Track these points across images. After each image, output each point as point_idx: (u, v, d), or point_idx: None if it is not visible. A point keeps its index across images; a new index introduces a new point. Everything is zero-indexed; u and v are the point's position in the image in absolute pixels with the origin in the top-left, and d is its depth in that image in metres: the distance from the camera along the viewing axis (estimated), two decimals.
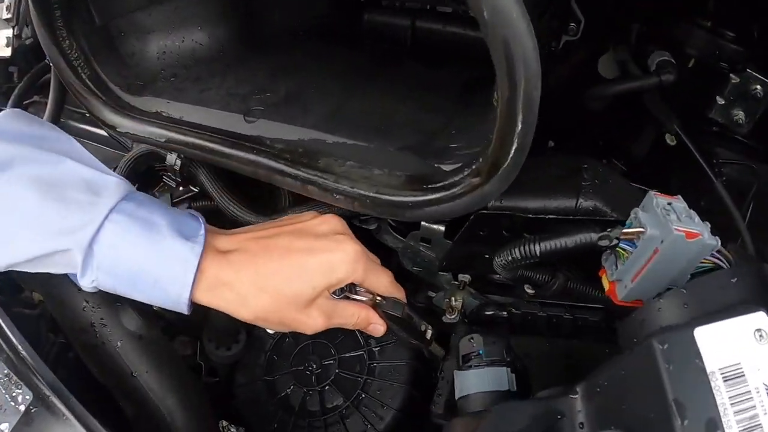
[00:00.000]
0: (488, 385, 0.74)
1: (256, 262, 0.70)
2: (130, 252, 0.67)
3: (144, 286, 0.68)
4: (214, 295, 0.69)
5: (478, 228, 0.85)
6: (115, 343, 0.90)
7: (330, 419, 0.99)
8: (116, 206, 0.67)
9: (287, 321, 0.71)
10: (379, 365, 1.02)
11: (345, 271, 0.72)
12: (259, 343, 1.08)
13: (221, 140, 0.85)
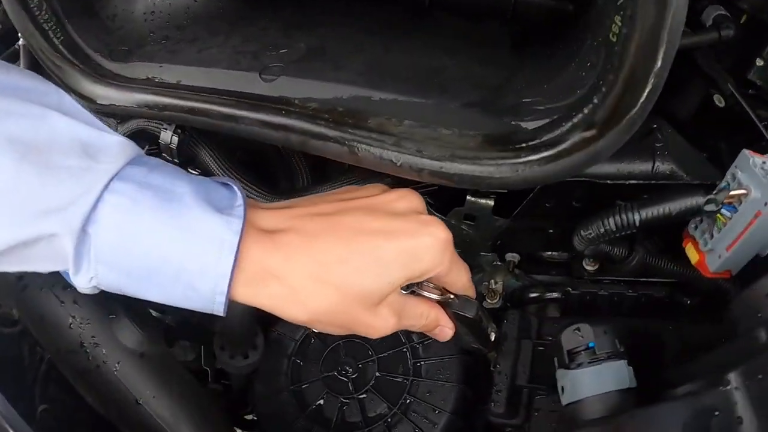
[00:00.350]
0: (607, 384, 0.62)
1: (316, 246, 0.54)
2: (141, 233, 0.50)
3: (163, 280, 0.51)
4: (257, 291, 0.53)
5: (544, 199, 0.76)
6: (113, 365, 0.79)
7: (374, 430, 0.85)
8: (120, 172, 0.50)
9: (351, 323, 0.56)
10: (425, 363, 0.90)
11: (431, 262, 0.56)
12: (280, 347, 0.94)
13: (235, 102, 0.69)
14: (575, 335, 0.66)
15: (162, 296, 0.52)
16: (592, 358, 0.64)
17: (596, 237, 0.70)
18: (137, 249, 0.50)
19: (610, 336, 0.65)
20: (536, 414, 0.82)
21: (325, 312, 0.54)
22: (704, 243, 0.71)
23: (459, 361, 0.89)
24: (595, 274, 0.86)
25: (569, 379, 0.65)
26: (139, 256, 0.50)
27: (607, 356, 0.64)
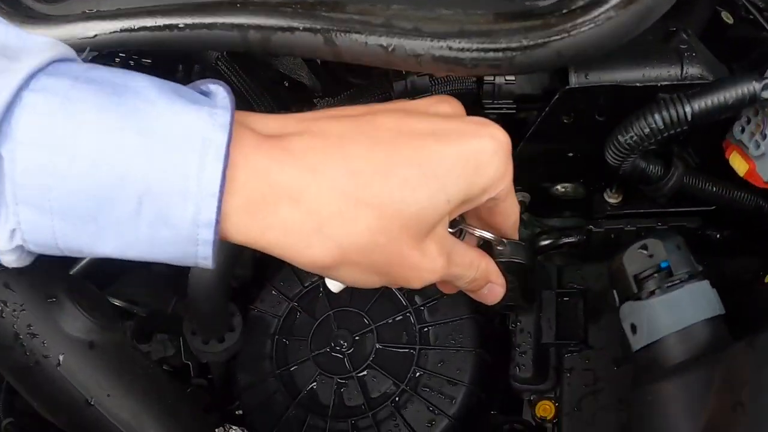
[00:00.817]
0: (693, 314, 0.51)
1: (345, 150, 0.40)
2: (80, 143, 0.35)
3: (118, 216, 0.36)
4: (261, 221, 0.39)
5: (562, 114, 0.65)
6: (55, 359, 0.66)
7: (380, 413, 0.74)
8: (47, 68, 0.36)
9: (392, 262, 0.42)
10: (433, 328, 0.77)
11: (495, 173, 0.43)
12: (261, 326, 0.81)
13: (179, 10, 0.58)
14: (641, 255, 0.55)
15: (118, 244, 0.38)
16: (668, 281, 0.52)
17: (638, 141, 0.59)
18: (75, 169, 0.35)
19: (685, 251, 0.53)
20: (568, 375, 0.71)
21: (363, 246, 0.40)
22: (755, 146, 0.61)
23: (472, 322, 0.76)
24: (619, 207, 0.76)
25: (643, 314, 0.52)
26: (78, 180, 0.35)
27: (687, 277, 0.52)
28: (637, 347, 0.54)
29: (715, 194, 0.69)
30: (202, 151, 0.36)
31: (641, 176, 0.65)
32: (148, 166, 0.35)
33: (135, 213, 0.36)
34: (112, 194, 0.35)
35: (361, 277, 0.42)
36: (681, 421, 0.48)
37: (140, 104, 0.36)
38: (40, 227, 0.36)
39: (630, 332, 0.55)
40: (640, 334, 0.53)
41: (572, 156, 0.71)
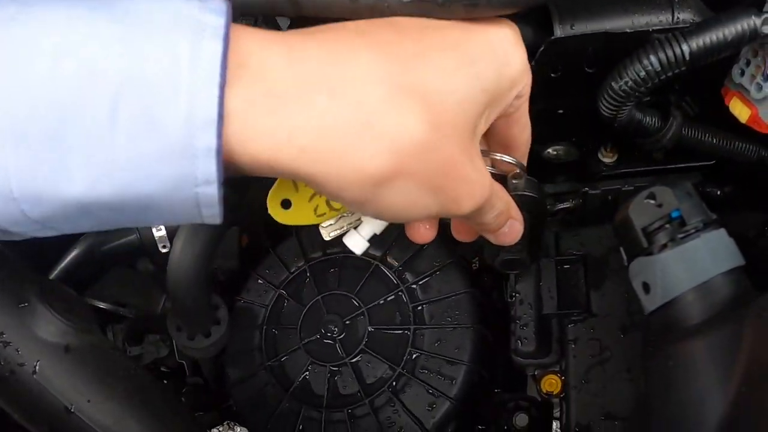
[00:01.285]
0: (711, 266, 0.47)
1: (373, 37, 0.33)
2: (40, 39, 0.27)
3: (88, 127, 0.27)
4: (288, 119, 0.29)
5: (550, 67, 0.61)
6: (31, 366, 0.63)
7: (378, 400, 0.70)
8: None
9: (449, 172, 0.34)
10: (427, 306, 0.74)
11: (522, 60, 0.39)
12: (248, 317, 0.77)
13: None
14: (649, 206, 0.50)
15: (88, 175, 0.27)
16: (681, 232, 0.47)
17: (634, 87, 0.55)
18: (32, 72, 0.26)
19: (697, 197, 0.49)
20: (573, 346, 0.68)
21: (419, 146, 0.32)
22: (757, 90, 0.57)
23: (469, 297, 0.73)
24: (614, 166, 0.72)
25: (656, 270, 0.48)
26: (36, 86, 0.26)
27: (702, 226, 0.47)
28: (652, 308, 0.49)
29: (715, 146, 0.65)
30: (195, 34, 0.27)
31: (638, 128, 0.61)
32: (125, 54, 0.26)
33: (109, 120, 0.26)
34: (78, 98, 0.26)
35: (417, 197, 0.34)
36: (710, 385, 0.44)
37: None
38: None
39: (642, 292, 0.50)
40: (654, 294, 0.49)
41: (563, 113, 0.67)
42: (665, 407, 0.46)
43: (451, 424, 0.69)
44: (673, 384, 0.45)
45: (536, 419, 0.72)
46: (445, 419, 0.68)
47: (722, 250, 0.48)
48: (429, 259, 0.74)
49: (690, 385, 0.44)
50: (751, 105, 0.58)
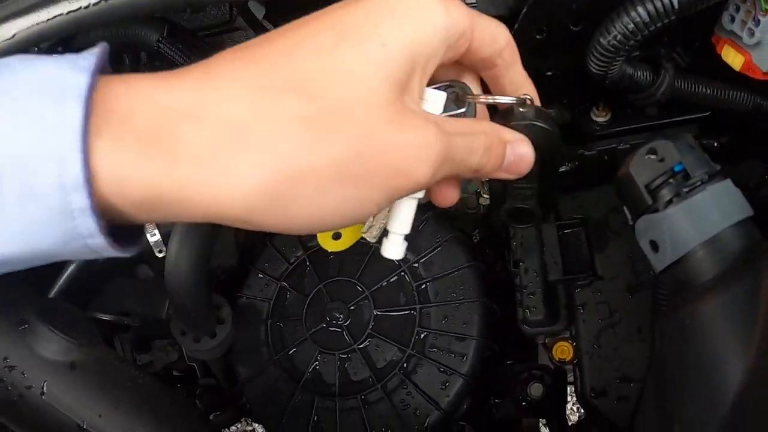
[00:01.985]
0: (720, 219, 0.45)
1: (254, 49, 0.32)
2: None
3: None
4: (163, 158, 0.29)
5: (535, 25, 0.59)
6: (38, 388, 0.62)
7: (390, 383, 0.70)
8: None
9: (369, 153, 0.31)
10: (431, 284, 0.73)
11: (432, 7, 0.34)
12: (252, 313, 0.76)
13: None
14: (650, 161, 0.48)
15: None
16: (686, 186, 0.46)
17: (623, 41, 0.53)
18: None
19: (699, 149, 0.47)
20: (581, 311, 0.67)
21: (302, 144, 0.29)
22: (749, 35, 0.55)
23: (472, 270, 0.72)
24: (608, 125, 0.70)
25: (663, 227, 0.46)
26: None
27: (707, 178, 0.46)
28: (662, 267, 0.47)
29: (709, 96, 0.63)
30: (57, 101, 0.28)
31: (630, 84, 0.59)
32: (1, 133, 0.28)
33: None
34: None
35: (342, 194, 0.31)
36: (729, 343, 0.42)
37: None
38: None
39: (650, 251, 0.48)
40: (663, 252, 0.47)
41: (551, 75, 0.65)
42: (683, 370, 0.45)
43: (465, 401, 0.68)
44: (691, 345, 0.44)
45: (551, 387, 0.71)
46: (459, 396, 0.68)
47: (729, 201, 0.46)
48: (429, 236, 0.73)
49: (708, 345, 0.43)
50: (744, 51, 0.56)
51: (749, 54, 0.55)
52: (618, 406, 0.65)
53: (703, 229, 0.45)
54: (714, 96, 0.62)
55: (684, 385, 0.45)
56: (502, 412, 0.75)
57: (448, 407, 0.67)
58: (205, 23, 0.80)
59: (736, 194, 0.47)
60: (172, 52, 0.68)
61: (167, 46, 0.68)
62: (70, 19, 0.55)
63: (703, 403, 0.43)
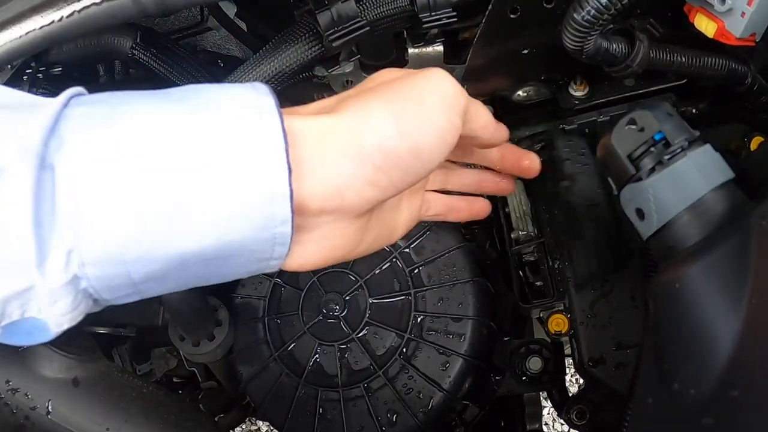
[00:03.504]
0: (703, 182, 0.46)
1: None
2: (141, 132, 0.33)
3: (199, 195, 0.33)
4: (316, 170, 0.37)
5: (508, 4, 0.60)
6: (44, 408, 0.62)
7: (391, 369, 0.70)
8: (71, 100, 0.34)
9: None
10: (423, 268, 0.73)
11: None
12: (249, 311, 0.76)
13: None
14: (630, 132, 0.48)
15: (199, 227, 0.33)
16: (667, 153, 0.46)
17: (597, 15, 0.53)
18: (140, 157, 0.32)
19: (677, 117, 0.48)
20: None
21: None
22: (720, 2, 0.56)
23: (463, 251, 0.72)
24: (587, 99, 0.71)
25: (648, 195, 0.47)
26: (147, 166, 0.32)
27: (687, 144, 0.46)
28: (649, 233, 0.48)
29: (685, 64, 0.64)
30: (259, 111, 0.35)
31: (606, 57, 0.60)
32: (218, 133, 0.33)
33: (213, 184, 0.33)
34: (188, 170, 0.33)
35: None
36: (720, 300, 0.42)
37: (188, 93, 0.35)
38: (105, 235, 0.31)
39: (637, 219, 0.49)
40: (649, 219, 0.47)
41: (527, 53, 0.66)
42: (677, 331, 0.46)
43: (467, 380, 0.69)
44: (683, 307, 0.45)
45: (549, 360, 0.72)
46: (460, 376, 0.68)
47: (711, 165, 0.46)
48: None
49: (699, 305, 0.43)
50: (717, 19, 0.56)
51: (721, 21, 0.56)
52: (616, 373, 0.65)
53: (687, 194, 0.46)
54: (689, 64, 0.63)
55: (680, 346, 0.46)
56: (504, 389, 0.75)
57: (451, 387, 0.68)
58: (177, 26, 0.79)
59: (716, 158, 0.47)
60: (147, 58, 0.68)
61: (142, 52, 0.68)
62: (44, 34, 0.55)
63: (699, 361, 0.43)
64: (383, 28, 0.61)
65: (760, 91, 0.65)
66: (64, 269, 0.31)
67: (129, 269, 0.33)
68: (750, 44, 0.56)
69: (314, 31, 0.62)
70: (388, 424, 0.68)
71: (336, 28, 0.60)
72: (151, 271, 0.33)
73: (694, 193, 0.46)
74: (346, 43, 0.60)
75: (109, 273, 0.32)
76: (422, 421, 0.68)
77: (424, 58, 0.68)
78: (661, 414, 0.49)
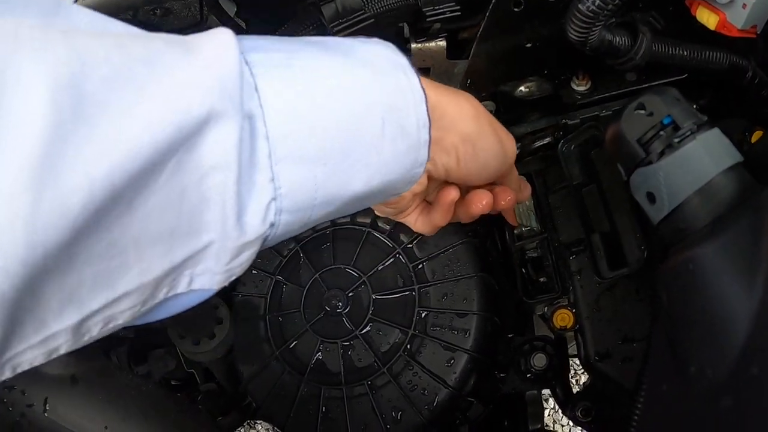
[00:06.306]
0: (713, 164, 0.46)
1: None
2: (320, 83, 0.35)
3: (368, 141, 0.37)
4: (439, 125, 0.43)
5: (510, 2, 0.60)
6: (40, 405, 0.61)
7: (395, 366, 0.69)
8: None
9: None
10: (427, 263, 0.72)
11: None
12: (250, 310, 0.75)
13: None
14: (640, 116, 0.49)
15: (367, 174, 0.37)
16: (676, 136, 0.47)
17: (602, 5, 0.54)
18: (326, 109, 0.34)
19: (685, 101, 0.48)
20: (578, 277, 0.68)
21: None
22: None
23: (467, 246, 0.72)
24: (589, 94, 0.71)
25: (659, 178, 0.47)
26: (331, 118, 0.35)
27: (696, 128, 0.47)
28: (660, 217, 0.48)
29: (687, 58, 0.64)
30: (403, 71, 0.39)
31: (609, 49, 0.60)
32: (380, 89, 0.37)
33: (380, 134, 0.37)
34: (361, 122, 0.36)
35: None
36: (733, 280, 0.42)
37: (342, 47, 0.38)
38: (302, 182, 0.33)
39: (647, 203, 0.49)
40: (660, 202, 0.48)
41: (530, 47, 0.65)
42: (691, 315, 0.45)
43: (472, 376, 0.68)
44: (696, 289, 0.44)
45: (553, 357, 0.72)
46: (466, 372, 0.68)
47: (720, 148, 0.47)
48: None
49: (713, 286, 0.43)
50: (718, 11, 0.56)
51: (723, 13, 0.56)
52: (623, 367, 0.65)
53: (697, 176, 0.46)
54: (691, 57, 0.63)
55: (695, 329, 0.46)
56: (508, 386, 0.75)
57: (456, 384, 0.67)
58: (177, 25, 0.79)
59: (724, 141, 0.48)
60: None
61: None
62: None
63: (716, 342, 0.43)
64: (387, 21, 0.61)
65: (761, 85, 0.65)
66: (263, 221, 0.32)
67: (313, 212, 0.35)
68: (751, 36, 0.56)
69: (318, 23, 0.62)
70: (392, 421, 0.67)
71: (340, 20, 0.60)
72: (327, 212, 0.37)
73: (704, 175, 0.46)
74: (350, 35, 0.60)
75: (296, 218, 0.34)
76: (427, 418, 0.67)
77: (427, 53, 0.68)
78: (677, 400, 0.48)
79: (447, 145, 0.45)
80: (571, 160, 0.70)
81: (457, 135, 0.45)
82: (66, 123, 0.24)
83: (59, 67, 0.25)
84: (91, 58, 0.26)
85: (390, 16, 0.61)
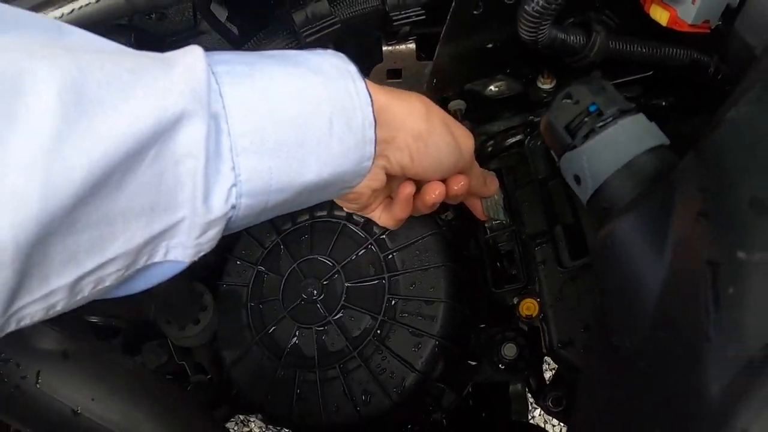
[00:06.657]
0: (635, 145, 0.49)
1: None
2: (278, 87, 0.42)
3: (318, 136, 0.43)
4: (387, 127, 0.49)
5: (470, 1, 0.63)
6: (33, 377, 0.64)
7: (366, 350, 0.72)
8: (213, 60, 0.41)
9: None
10: (398, 253, 0.76)
11: None
12: (233, 299, 0.79)
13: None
14: (567, 105, 0.52)
15: (318, 165, 0.43)
16: (599, 121, 0.50)
17: (546, 5, 0.56)
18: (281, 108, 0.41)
19: (612, 91, 0.51)
20: (542, 266, 0.70)
21: None
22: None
23: (436, 237, 0.75)
24: (555, 91, 0.73)
25: (582, 161, 0.50)
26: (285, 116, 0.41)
27: (619, 113, 0.50)
28: (586, 197, 0.51)
29: (645, 54, 0.66)
30: (351, 77, 0.45)
31: (563, 48, 0.63)
32: (328, 93, 0.43)
33: (328, 131, 0.42)
34: (310, 121, 0.42)
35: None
36: (646, 253, 0.45)
37: (298, 59, 0.44)
38: (258, 171, 0.39)
39: (575, 185, 0.52)
40: (585, 183, 0.51)
41: (491, 47, 0.68)
42: (611, 286, 0.48)
43: (440, 361, 0.71)
44: (615, 261, 0.47)
45: (524, 347, 0.73)
46: (432, 357, 0.70)
47: (641, 131, 0.49)
48: None
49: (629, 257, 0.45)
50: (669, 7, 0.58)
51: (674, 9, 0.57)
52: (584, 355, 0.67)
53: (618, 156, 0.49)
54: (650, 54, 0.65)
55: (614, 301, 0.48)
56: (481, 376, 0.77)
57: (423, 368, 0.70)
58: (171, 29, 0.84)
59: (648, 125, 0.50)
60: None
61: None
62: None
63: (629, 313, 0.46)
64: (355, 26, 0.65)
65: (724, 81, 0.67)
66: (225, 202, 0.38)
67: (269, 198, 0.41)
68: (704, 31, 0.58)
69: (291, 29, 0.66)
70: (363, 403, 0.70)
71: (310, 25, 0.64)
72: (281, 199, 0.42)
73: (624, 156, 0.49)
74: (319, 39, 0.64)
75: (255, 202, 0.40)
76: (396, 401, 0.70)
77: (398, 55, 0.71)
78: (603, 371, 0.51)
79: (400, 144, 0.50)
80: (537, 155, 0.73)
81: (409, 133, 0.50)
82: (70, 115, 0.31)
83: (64, 74, 0.31)
84: (89, 67, 0.33)
85: (358, 22, 0.65)
